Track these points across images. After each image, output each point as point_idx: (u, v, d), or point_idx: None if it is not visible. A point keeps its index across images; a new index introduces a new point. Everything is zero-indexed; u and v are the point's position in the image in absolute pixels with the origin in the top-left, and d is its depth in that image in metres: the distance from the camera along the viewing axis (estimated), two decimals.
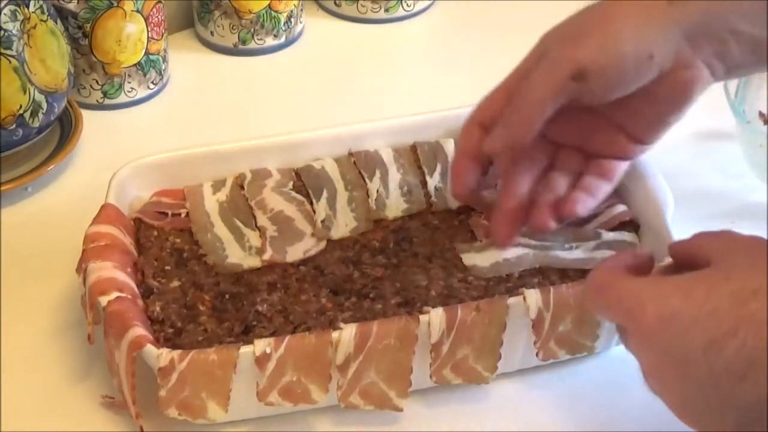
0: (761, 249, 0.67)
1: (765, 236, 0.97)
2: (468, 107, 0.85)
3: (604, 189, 0.84)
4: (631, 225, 0.90)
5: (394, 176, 0.94)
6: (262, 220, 0.91)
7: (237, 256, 0.88)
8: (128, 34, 1.10)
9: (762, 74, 1.02)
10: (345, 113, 1.04)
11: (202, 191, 0.93)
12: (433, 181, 0.94)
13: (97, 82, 1.12)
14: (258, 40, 1.21)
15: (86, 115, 1.10)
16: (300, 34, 1.24)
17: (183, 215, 0.92)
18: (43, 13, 1.01)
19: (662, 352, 0.64)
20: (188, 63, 1.21)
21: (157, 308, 0.83)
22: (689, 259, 0.69)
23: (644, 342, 0.65)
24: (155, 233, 0.90)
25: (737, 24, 0.77)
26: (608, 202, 0.90)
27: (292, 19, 1.22)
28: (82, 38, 1.09)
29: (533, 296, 0.80)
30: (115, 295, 0.80)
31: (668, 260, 0.74)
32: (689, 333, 0.63)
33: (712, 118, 1.02)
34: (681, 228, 0.86)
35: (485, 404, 0.83)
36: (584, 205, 0.83)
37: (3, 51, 0.97)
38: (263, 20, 1.20)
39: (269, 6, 1.19)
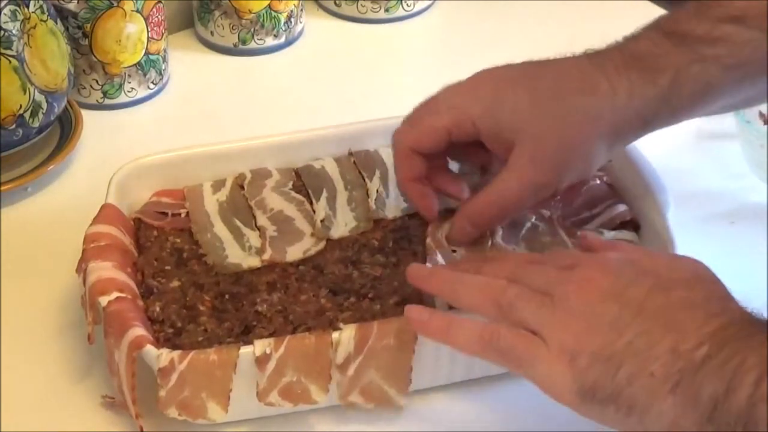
0: None
1: (765, 236, 0.97)
2: None
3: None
4: (631, 225, 0.90)
5: (394, 176, 0.94)
6: (262, 220, 0.91)
7: (237, 256, 0.88)
8: (128, 34, 1.10)
9: None
10: (345, 113, 1.04)
11: (202, 191, 0.93)
12: None
13: (97, 82, 1.12)
14: (258, 40, 1.21)
15: (86, 115, 1.10)
16: (300, 34, 1.24)
17: (183, 215, 0.92)
18: (43, 13, 1.01)
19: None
20: (188, 63, 1.21)
21: (157, 308, 0.83)
22: None
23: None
24: (155, 233, 0.90)
25: None
26: (608, 201, 0.90)
27: (292, 19, 1.22)
28: (82, 38, 1.09)
29: None
30: (115, 295, 0.80)
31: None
32: None
33: (712, 118, 1.02)
34: (681, 228, 0.86)
35: (487, 403, 0.83)
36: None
37: (3, 51, 0.97)
38: (263, 20, 1.20)
39: (269, 6, 1.19)
